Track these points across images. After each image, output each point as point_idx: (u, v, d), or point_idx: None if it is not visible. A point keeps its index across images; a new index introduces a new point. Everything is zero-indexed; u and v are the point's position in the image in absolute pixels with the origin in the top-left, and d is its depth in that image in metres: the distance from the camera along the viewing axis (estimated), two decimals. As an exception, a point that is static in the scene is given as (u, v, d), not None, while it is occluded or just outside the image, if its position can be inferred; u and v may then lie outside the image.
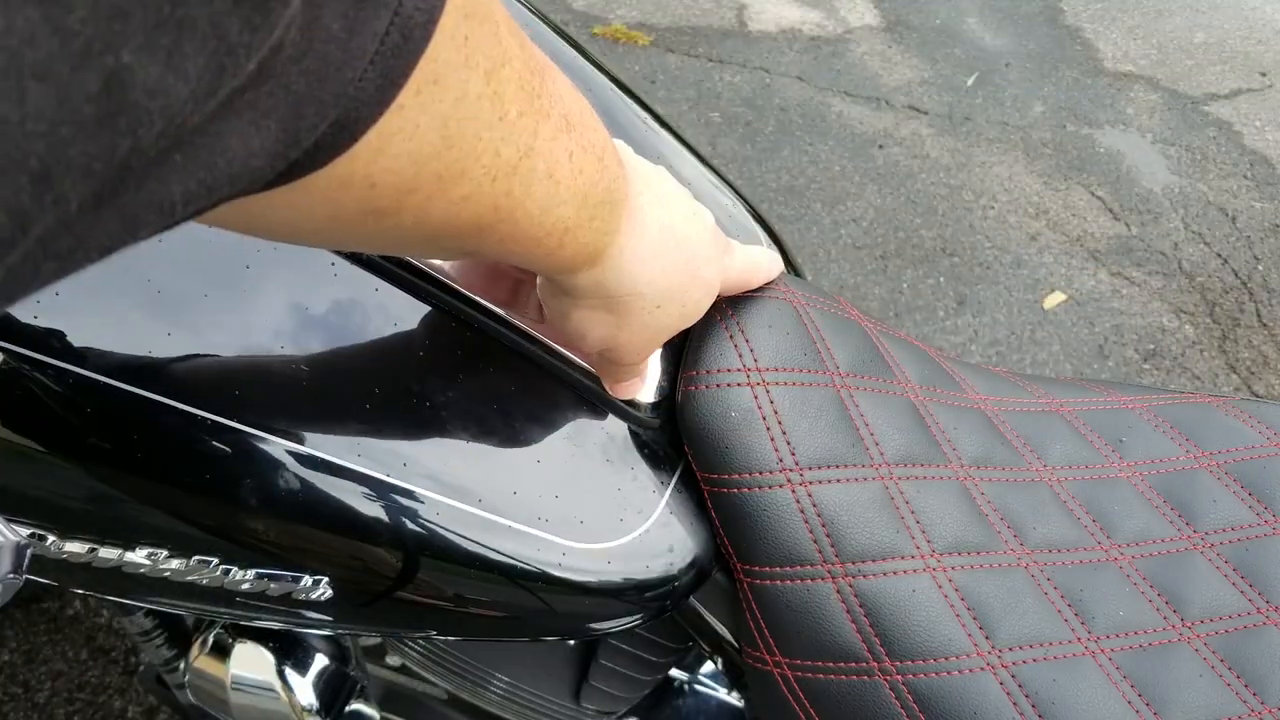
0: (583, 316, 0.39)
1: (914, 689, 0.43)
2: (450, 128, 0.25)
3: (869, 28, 2.45)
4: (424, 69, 0.23)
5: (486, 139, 0.27)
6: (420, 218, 0.27)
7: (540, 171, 0.29)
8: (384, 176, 0.25)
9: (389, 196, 0.26)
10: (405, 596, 0.43)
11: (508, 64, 0.27)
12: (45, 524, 0.36)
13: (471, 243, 0.31)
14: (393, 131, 0.23)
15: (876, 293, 1.77)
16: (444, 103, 0.24)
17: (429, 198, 0.27)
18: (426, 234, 0.29)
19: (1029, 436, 0.53)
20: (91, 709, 1.11)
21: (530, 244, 0.32)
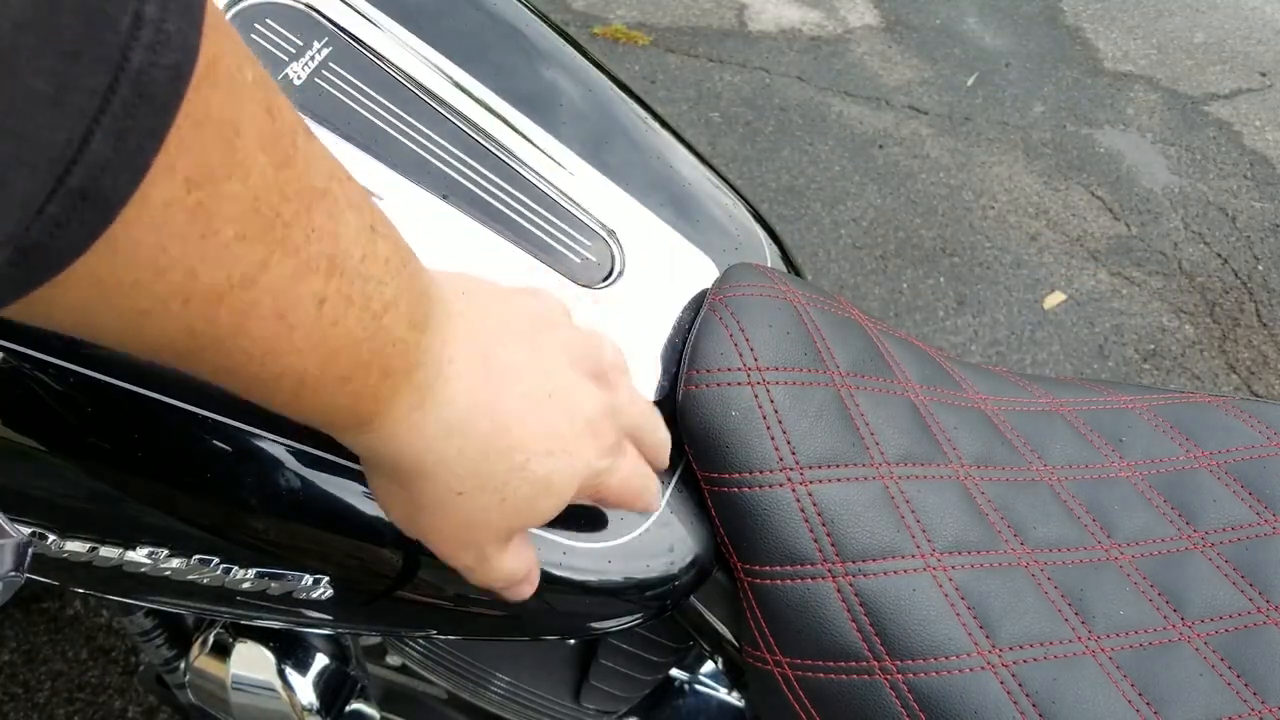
0: (375, 483, 0.35)
1: (914, 688, 0.43)
2: (115, 230, 0.21)
3: (869, 28, 2.45)
4: None
5: (175, 254, 0.22)
6: (83, 320, 0.23)
7: (265, 308, 0.25)
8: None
9: None
10: (405, 596, 0.43)
11: (237, 179, 0.23)
12: (46, 523, 0.36)
13: (176, 362, 0.26)
14: None
15: (876, 293, 1.77)
16: None
17: (88, 301, 0.22)
18: (106, 338, 0.25)
19: (1029, 436, 0.53)
20: (91, 709, 1.11)
21: (254, 386, 0.28)
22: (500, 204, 0.46)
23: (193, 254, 0.23)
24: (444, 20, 0.50)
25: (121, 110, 0.19)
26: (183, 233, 0.22)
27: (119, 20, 0.18)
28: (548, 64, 0.53)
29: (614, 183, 0.50)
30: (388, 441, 0.31)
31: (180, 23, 0.20)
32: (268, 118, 0.24)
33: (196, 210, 0.22)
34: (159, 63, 0.19)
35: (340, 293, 0.27)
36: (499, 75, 0.50)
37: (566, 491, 0.36)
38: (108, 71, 0.18)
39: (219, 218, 0.23)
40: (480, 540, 0.35)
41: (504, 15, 0.53)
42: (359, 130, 0.44)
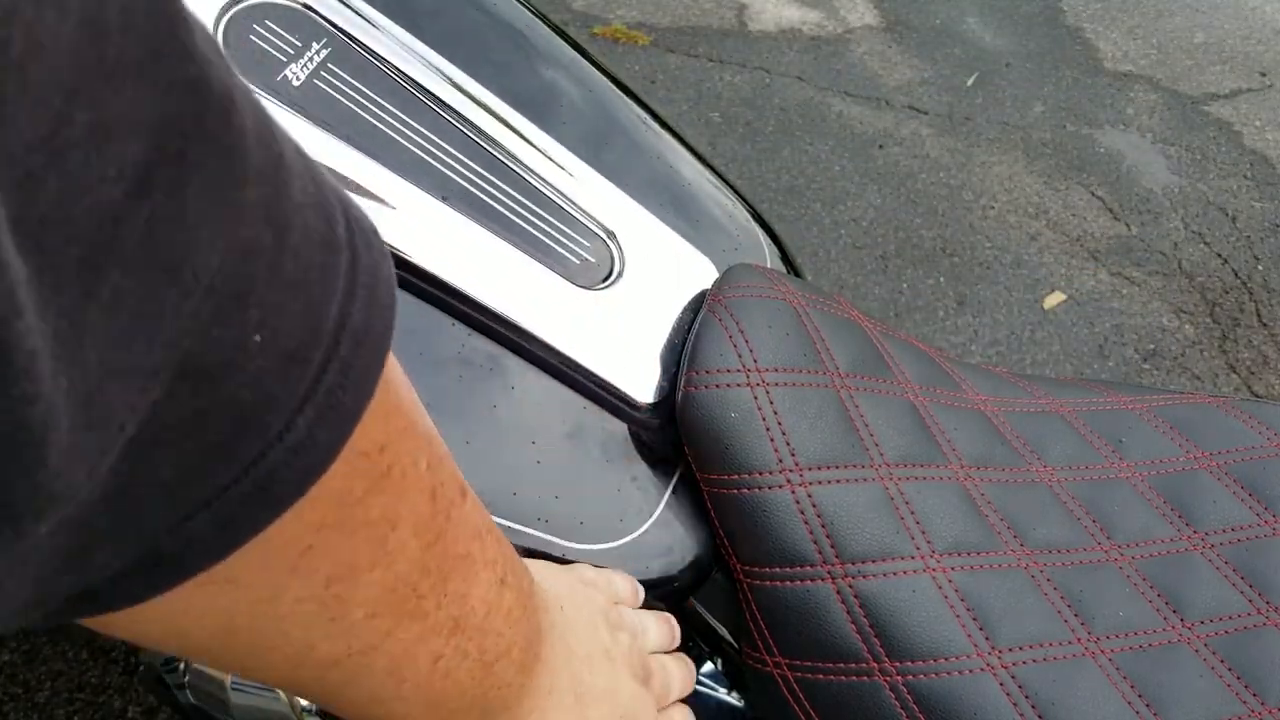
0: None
1: (914, 689, 0.43)
2: (238, 621, 0.21)
3: (869, 28, 2.45)
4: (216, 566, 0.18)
5: (297, 636, 0.22)
6: (205, 659, 0.23)
7: (378, 668, 0.24)
8: (129, 624, 0.20)
9: (154, 628, 0.21)
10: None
11: (381, 568, 0.22)
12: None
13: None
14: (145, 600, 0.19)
15: (876, 293, 1.77)
16: (235, 599, 0.20)
17: (211, 649, 0.22)
18: (223, 668, 0.24)
19: (1029, 437, 0.53)
20: (91, 709, 1.11)
21: (350, 716, 0.27)
22: (500, 205, 0.46)
23: (316, 634, 0.22)
24: (443, 21, 0.49)
25: (236, 500, 0.18)
26: (309, 620, 0.21)
27: (271, 428, 0.17)
28: (547, 64, 0.53)
29: (614, 184, 0.50)
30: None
31: (331, 433, 0.19)
32: (429, 503, 0.23)
33: (330, 601, 0.21)
34: (292, 464, 0.18)
35: (458, 649, 0.26)
36: (498, 76, 0.49)
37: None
38: (239, 469, 0.17)
39: (353, 603, 0.22)
40: None
41: (503, 16, 0.53)
42: (358, 131, 0.43)
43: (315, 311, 0.17)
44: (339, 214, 0.19)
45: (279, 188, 0.17)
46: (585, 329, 0.45)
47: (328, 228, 0.18)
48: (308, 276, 0.17)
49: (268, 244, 0.16)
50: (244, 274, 0.16)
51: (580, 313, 0.45)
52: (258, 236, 0.16)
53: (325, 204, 0.18)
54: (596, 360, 0.45)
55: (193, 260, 0.14)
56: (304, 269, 0.17)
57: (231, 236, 0.15)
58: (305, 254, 0.17)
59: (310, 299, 0.17)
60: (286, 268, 0.17)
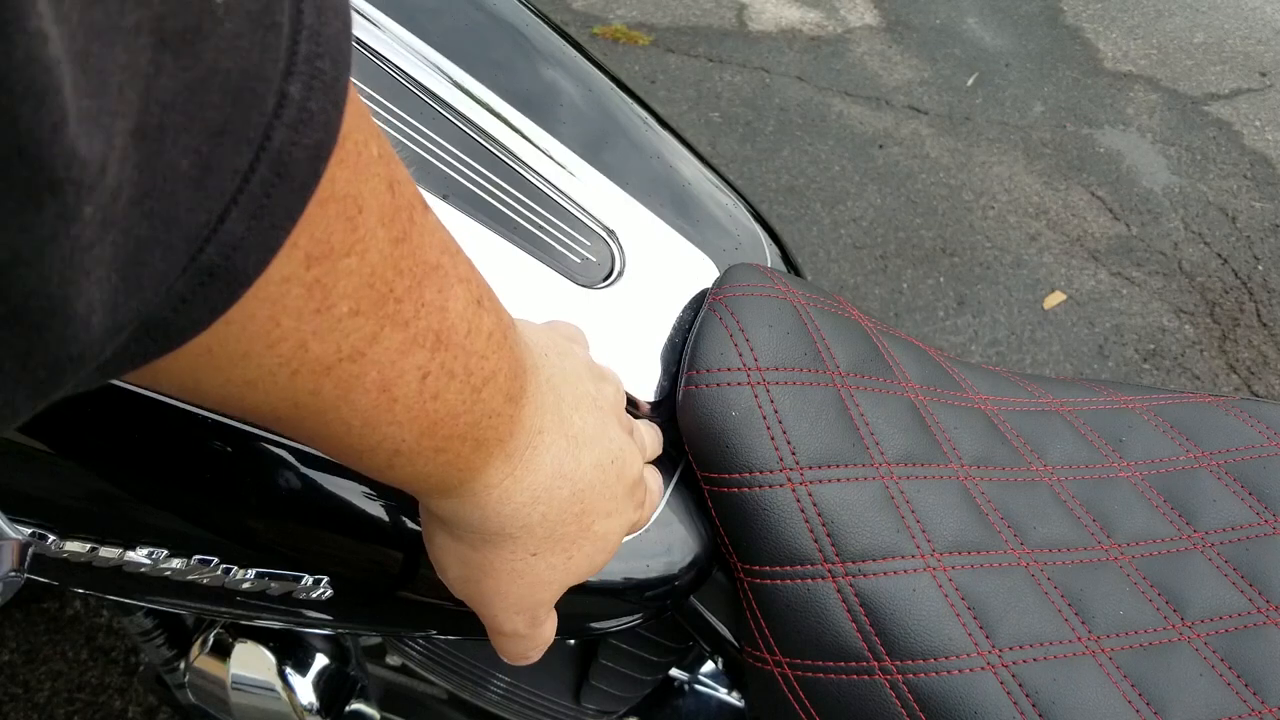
0: (443, 545, 0.35)
1: (914, 688, 0.43)
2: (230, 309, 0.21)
3: (869, 28, 2.45)
4: None
5: (288, 327, 0.22)
6: (187, 385, 0.23)
7: (369, 381, 0.25)
8: None
9: None
10: (405, 596, 0.43)
11: (355, 255, 0.23)
12: (46, 523, 0.36)
13: (271, 426, 0.26)
14: None
15: (876, 293, 1.77)
16: None
17: (194, 370, 0.22)
18: (207, 402, 0.24)
19: (1029, 436, 0.53)
20: (91, 709, 1.11)
21: (348, 454, 0.28)
22: (500, 204, 0.46)
23: (305, 328, 0.23)
24: (444, 20, 0.50)
25: (260, 189, 0.18)
26: (298, 308, 0.22)
27: (265, 99, 0.18)
28: (548, 64, 0.53)
29: (614, 183, 0.50)
30: (475, 508, 0.32)
31: (324, 102, 0.19)
32: (389, 193, 0.24)
33: (314, 286, 0.22)
34: (300, 142, 0.19)
35: (444, 367, 0.27)
36: (499, 75, 0.50)
37: (615, 546, 0.38)
38: (250, 151, 0.18)
39: (335, 293, 0.23)
40: (540, 601, 0.36)
41: (504, 15, 0.53)
42: (359, 130, 0.43)
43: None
44: None
45: None
46: (586, 327, 0.45)
47: None
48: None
49: None
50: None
51: (580, 311, 0.45)
52: None
53: None
54: (597, 359, 0.45)
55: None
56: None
57: None
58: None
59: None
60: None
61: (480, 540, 0.33)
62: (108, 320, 0.17)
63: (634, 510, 0.39)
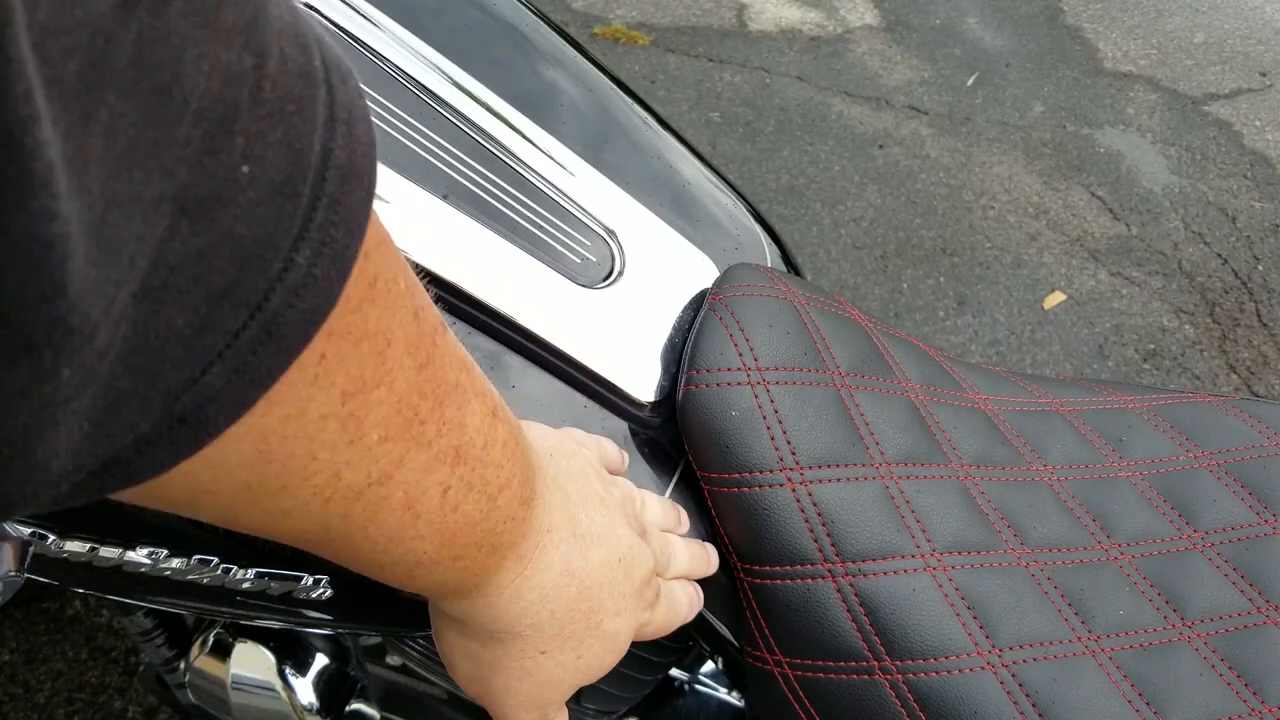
0: (454, 643, 0.35)
1: (914, 688, 0.43)
2: (272, 443, 0.21)
3: (869, 28, 2.45)
4: None
5: (324, 460, 0.23)
6: (225, 517, 0.24)
7: (395, 501, 0.26)
8: (171, 475, 0.20)
9: (180, 494, 0.22)
10: (405, 596, 0.43)
11: (385, 386, 0.23)
12: (46, 523, 0.36)
13: (300, 546, 0.27)
14: None
15: (876, 293, 1.77)
16: (268, 418, 0.21)
17: (235, 504, 0.23)
18: (240, 527, 0.25)
19: (1029, 436, 0.53)
20: (91, 709, 1.11)
21: (372, 568, 0.29)
22: (500, 204, 0.46)
23: (340, 459, 0.23)
24: (444, 20, 0.50)
25: (247, 348, 0.18)
26: (334, 441, 0.23)
27: (271, 264, 0.18)
28: (548, 64, 0.53)
29: (614, 183, 0.50)
30: (485, 608, 0.33)
31: (329, 269, 0.19)
32: (415, 323, 0.24)
33: (348, 420, 0.23)
34: (297, 305, 0.19)
35: (463, 480, 0.28)
36: (499, 75, 0.50)
37: (625, 645, 0.38)
38: (246, 312, 0.18)
39: (366, 423, 0.23)
40: (550, 700, 0.37)
41: (504, 15, 0.53)
42: (359, 130, 0.43)
43: (298, 142, 0.18)
44: (315, 47, 0.19)
45: (257, 12, 0.17)
46: (586, 327, 0.45)
47: (305, 59, 0.19)
48: (287, 107, 0.18)
49: (249, 68, 0.17)
50: (228, 99, 0.16)
51: (581, 311, 0.45)
52: (239, 60, 0.16)
53: (302, 35, 0.19)
54: (597, 359, 0.45)
55: (181, 82, 0.15)
56: (283, 98, 0.18)
57: (214, 59, 0.16)
58: (284, 82, 0.18)
59: (291, 129, 0.18)
60: (267, 95, 0.17)
61: (490, 638, 0.34)
62: (69, 464, 0.16)
63: (643, 610, 0.39)
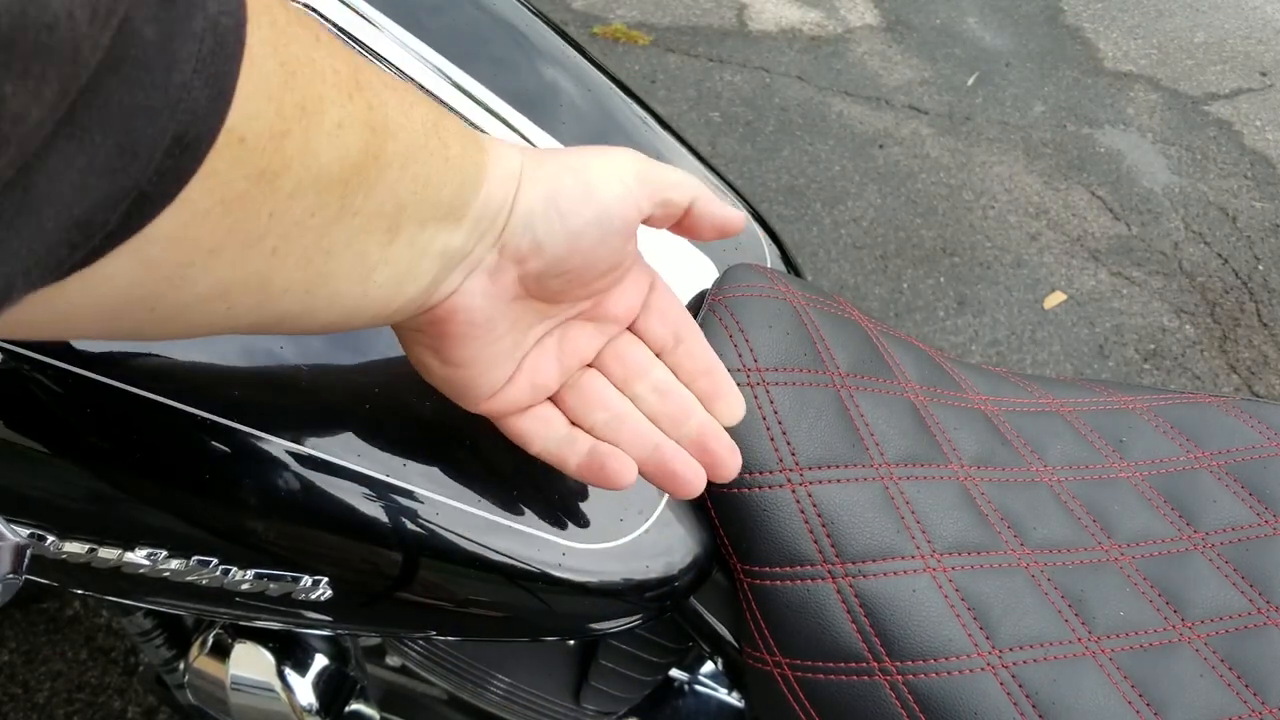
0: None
1: (914, 689, 0.43)
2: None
3: (869, 27, 2.45)
4: None
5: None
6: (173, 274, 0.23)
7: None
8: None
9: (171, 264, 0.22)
10: (405, 596, 0.42)
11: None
12: (45, 524, 0.36)
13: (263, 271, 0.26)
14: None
15: (876, 293, 1.77)
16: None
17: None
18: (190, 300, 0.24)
19: (1029, 436, 0.53)
20: (91, 709, 1.11)
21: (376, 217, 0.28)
22: (500, 204, 0.46)
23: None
24: (443, 20, 0.49)
25: (209, 56, 0.20)
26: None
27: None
28: (547, 64, 0.53)
29: (614, 183, 0.50)
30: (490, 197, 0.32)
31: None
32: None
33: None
34: (227, 10, 0.20)
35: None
36: (498, 75, 0.49)
37: None
38: (200, 16, 0.19)
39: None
40: None
41: (503, 15, 0.53)
42: (358, 130, 0.43)
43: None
44: None
45: None
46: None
47: None
48: None
49: None
50: None
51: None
52: None
53: None
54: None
55: None
56: None
57: None
58: None
59: None
60: None
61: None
62: (108, 194, 0.18)
63: None
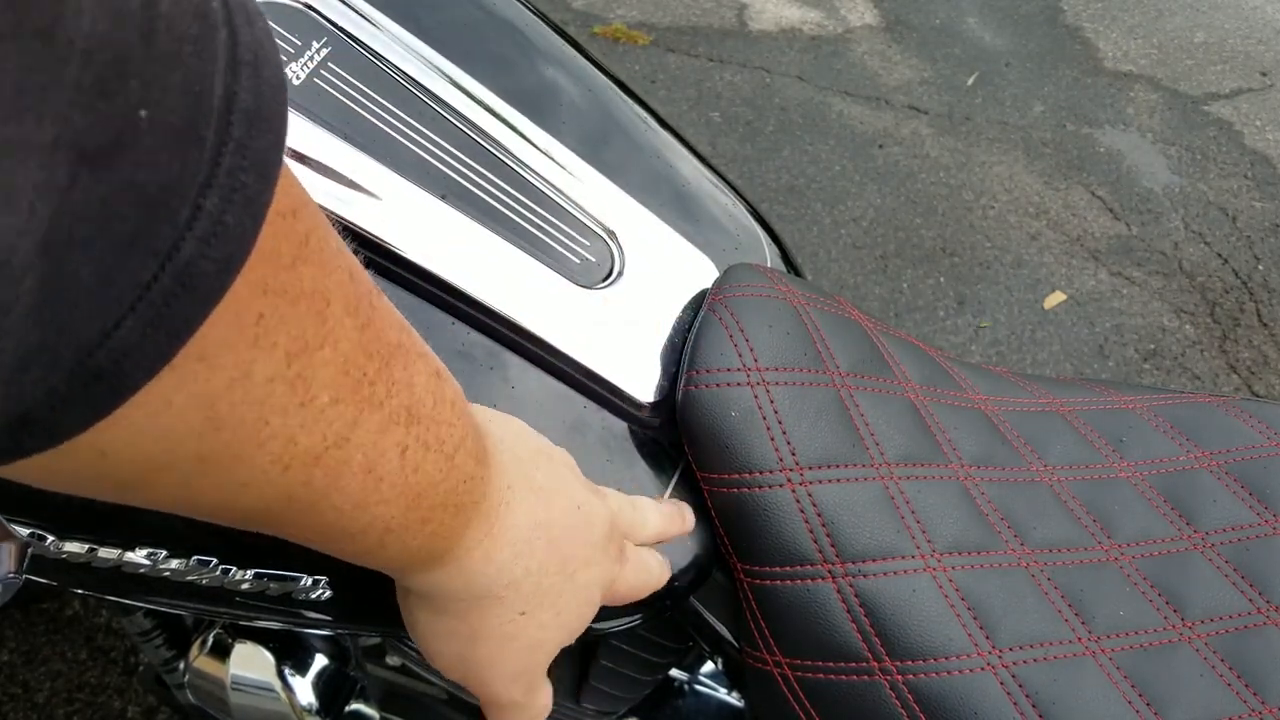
0: (429, 625, 0.35)
1: (914, 689, 0.43)
2: (220, 409, 0.21)
3: (869, 27, 2.45)
4: None
5: (277, 425, 0.23)
6: (180, 496, 0.24)
7: (355, 464, 0.26)
8: (120, 449, 0.20)
9: (131, 470, 0.22)
10: (405, 596, 0.42)
11: (329, 346, 0.23)
12: (44, 524, 0.36)
13: (266, 527, 0.27)
14: (129, 402, 0.19)
15: (876, 293, 1.77)
16: (211, 382, 0.21)
17: (189, 478, 0.23)
18: (197, 511, 0.25)
19: (1029, 436, 0.53)
20: (91, 709, 1.11)
21: (342, 540, 0.29)
22: (500, 204, 0.46)
23: (293, 423, 0.23)
24: (443, 20, 0.49)
25: (160, 299, 0.18)
26: (283, 404, 0.23)
27: (178, 212, 0.18)
28: (547, 64, 0.53)
29: (614, 183, 0.50)
30: (459, 574, 0.33)
31: (241, 215, 0.19)
32: (351, 283, 0.24)
33: (295, 381, 0.23)
34: (209, 255, 0.18)
35: (419, 439, 0.28)
36: (498, 75, 0.49)
37: (598, 600, 0.38)
38: (156, 263, 0.18)
39: (315, 384, 0.23)
40: (535, 664, 0.37)
41: (503, 15, 0.53)
42: (358, 130, 0.43)
43: (196, 85, 0.18)
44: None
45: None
46: (585, 328, 0.45)
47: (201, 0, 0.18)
48: (183, 48, 0.17)
49: (136, 8, 0.16)
50: (118, 41, 0.16)
51: (580, 311, 0.45)
52: (125, 2, 0.16)
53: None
54: (596, 359, 0.45)
55: (64, 23, 0.15)
56: (179, 39, 0.17)
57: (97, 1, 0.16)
58: (179, 23, 0.17)
59: (189, 72, 0.17)
60: (160, 36, 0.17)
61: (467, 608, 0.34)
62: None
63: (612, 563, 0.39)
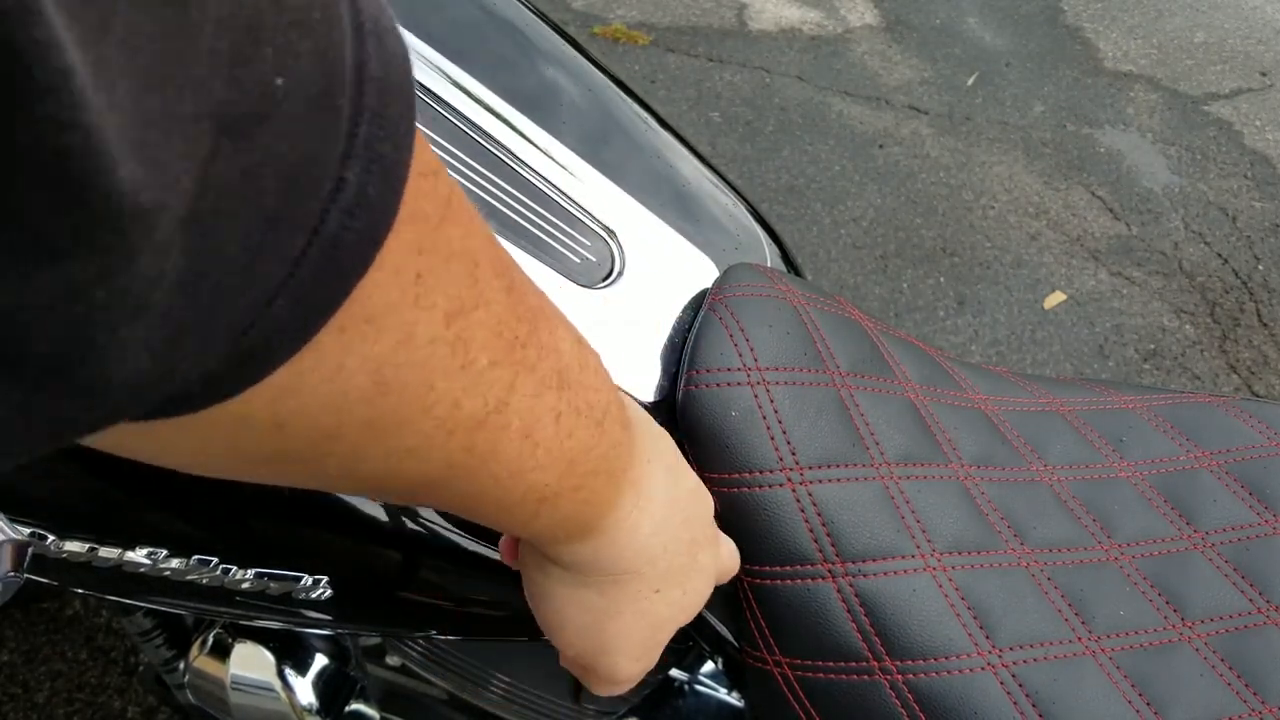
0: (566, 598, 0.35)
1: (914, 689, 0.43)
2: (387, 373, 0.21)
3: (869, 27, 2.45)
4: (351, 305, 0.19)
5: (442, 389, 0.23)
6: (348, 467, 0.24)
7: (514, 430, 0.26)
8: (295, 419, 0.21)
9: (303, 441, 0.22)
10: (405, 596, 0.43)
11: (482, 307, 0.23)
12: (45, 523, 0.36)
13: (422, 497, 0.27)
14: (305, 369, 0.20)
15: (876, 293, 1.77)
16: (379, 344, 0.21)
17: (358, 447, 0.23)
18: (361, 484, 0.25)
19: (1029, 436, 0.53)
20: (91, 709, 1.11)
21: (497, 510, 0.29)
22: (500, 203, 0.46)
23: (456, 386, 0.23)
24: (443, 19, 0.49)
25: (309, 275, 0.18)
26: (446, 366, 0.23)
27: (321, 184, 0.18)
28: (547, 63, 0.53)
29: (614, 183, 0.50)
30: (608, 545, 0.33)
31: (381, 187, 0.19)
32: (493, 245, 0.25)
33: (455, 343, 0.23)
34: (353, 227, 0.18)
35: (570, 404, 0.28)
36: (498, 75, 0.49)
37: (713, 583, 0.39)
38: (304, 237, 0.18)
39: (474, 346, 0.23)
40: (656, 644, 0.37)
41: (503, 15, 0.53)
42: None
43: (330, 53, 0.17)
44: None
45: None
46: (585, 327, 0.45)
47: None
48: (312, 14, 0.17)
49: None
50: (248, 5, 0.16)
51: (580, 311, 0.45)
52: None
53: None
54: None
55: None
56: (307, 5, 0.17)
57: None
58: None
59: (320, 39, 0.17)
60: (289, 1, 0.17)
61: (609, 583, 0.34)
62: (125, 396, 0.16)
63: (716, 547, 0.39)
